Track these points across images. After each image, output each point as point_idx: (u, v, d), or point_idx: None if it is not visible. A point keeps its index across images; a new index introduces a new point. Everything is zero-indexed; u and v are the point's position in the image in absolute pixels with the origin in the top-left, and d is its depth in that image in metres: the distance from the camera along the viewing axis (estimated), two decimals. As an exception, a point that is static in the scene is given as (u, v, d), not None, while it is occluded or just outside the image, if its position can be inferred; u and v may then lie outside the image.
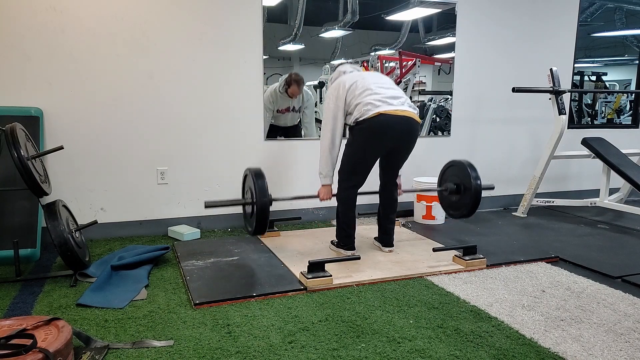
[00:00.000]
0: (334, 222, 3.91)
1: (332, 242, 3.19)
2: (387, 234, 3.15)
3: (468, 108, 4.38)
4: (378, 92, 2.79)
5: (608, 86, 7.93)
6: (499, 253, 3.13)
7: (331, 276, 2.58)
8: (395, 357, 1.88)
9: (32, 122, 3.10)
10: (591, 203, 4.23)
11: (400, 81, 4.22)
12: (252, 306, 2.34)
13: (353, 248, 3.05)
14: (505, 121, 4.51)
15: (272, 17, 3.69)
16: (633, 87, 5.69)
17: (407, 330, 2.11)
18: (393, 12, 4.07)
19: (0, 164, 2.94)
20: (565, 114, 4.08)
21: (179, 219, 3.63)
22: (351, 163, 2.93)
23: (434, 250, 3.01)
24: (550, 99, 4.14)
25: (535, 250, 3.24)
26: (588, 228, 3.91)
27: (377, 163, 3.04)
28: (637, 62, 5.34)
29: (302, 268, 2.66)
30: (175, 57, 3.44)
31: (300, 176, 3.91)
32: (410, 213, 4.09)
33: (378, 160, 3.02)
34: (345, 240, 3.04)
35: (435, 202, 3.88)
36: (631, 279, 2.72)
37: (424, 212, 3.94)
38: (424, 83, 4.37)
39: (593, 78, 6.47)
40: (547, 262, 3.03)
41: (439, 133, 4.38)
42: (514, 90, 3.96)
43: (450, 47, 4.26)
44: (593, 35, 5.78)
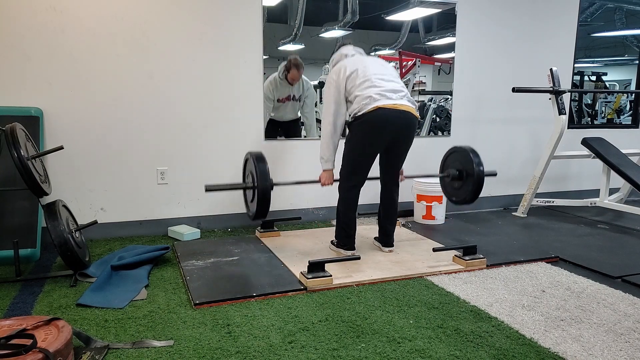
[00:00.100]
0: (334, 222, 3.90)
1: (332, 242, 3.18)
2: (387, 234, 3.15)
3: (468, 108, 4.38)
4: (378, 85, 2.78)
5: (608, 86, 7.93)
6: (499, 253, 3.13)
7: (331, 276, 2.58)
8: (395, 357, 1.88)
9: (32, 122, 3.10)
10: (591, 203, 4.23)
11: (400, 81, 4.22)
12: (252, 306, 2.33)
13: (353, 248, 3.05)
14: (505, 121, 4.51)
15: (272, 17, 3.70)
16: (633, 87, 5.70)
17: (407, 330, 2.11)
18: (393, 12, 4.07)
19: (0, 164, 2.94)
20: (565, 114, 4.08)
21: (179, 219, 3.63)
22: (351, 161, 2.92)
23: (434, 250, 3.01)
24: (550, 99, 4.14)
25: (535, 250, 3.24)
26: (588, 228, 3.91)
27: (377, 163, 3.04)
28: (637, 62, 5.33)
29: (302, 268, 2.66)
30: (175, 57, 3.45)
31: (300, 177, 3.90)
32: (410, 213, 4.09)
33: (378, 160, 3.02)
34: (345, 240, 3.04)
35: (435, 202, 3.89)
36: (631, 279, 2.72)
37: (424, 212, 3.94)
38: (424, 83, 4.37)
39: (593, 78, 6.48)
40: (547, 262, 3.03)
41: (439, 133, 4.38)
42: (514, 90, 3.96)
43: (450, 47, 4.26)
44: (593, 35, 5.78)
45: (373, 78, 2.80)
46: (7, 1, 3.05)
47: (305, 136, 4.02)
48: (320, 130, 3.04)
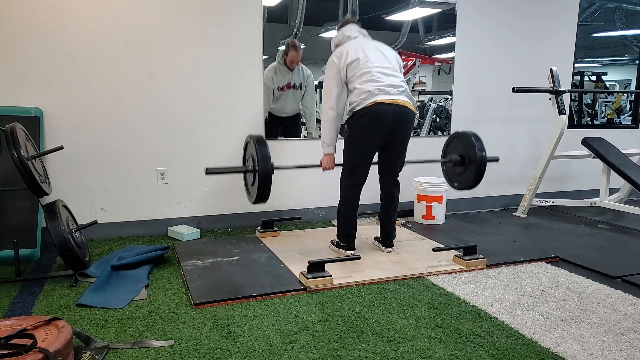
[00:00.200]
0: (334, 222, 3.91)
1: (332, 242, 3.18)
2: (388, 235, 3.15)
3: (468, 108, 4.38)
4: (377, 80, 2.78)
5: (608, 86, 7.93)
6: (499, 253, 3.13)
7: (331, 276, 2.58)
8: (395, 357, 1.88)
9: (32, 122, 3.10)
10: (591, 203, 4.23)
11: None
12: (252, 306, 2.33)
13: (353, 248, 3.05)
14: (505, 121, 4.51)
15: (272, 17, 3.70)
16: (633, 87, 5.70)
17: (407, 330, 2.11)
18: (393, 12, 4.07)
19: (0, 164, 2.94)
20: (565, 114, 4.08)
21: (179, 219, 3.63)
22: (351, 158, 2.93)
23: (434, 250, 3.01)
24: (550, 99, 4.14)
25: (535, 250, 3.24)
26: (588, 228, 3.91)
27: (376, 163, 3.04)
28: (637, 62, 5.34)
29: (302, 268, 2.66)
30: (175, 57, 3.45)
31: (301, 176, 3.91)
32: (410, 213, 4.09)
33: (376, 161, 3.03)
34: (345, 239, 3.04)
35: (435, 202, 3.89)
36: (631, 279, 2.72)
37: (424, 212, 3.94)
38: (424, 83, 4.37)
39: (593, 78, 6.48)
40: (547, 262, 3.03)
41: (439, 133, 4.38)
42: (514, 90, 3.96)
43: (450, 47, 4.26)
44: (593, 35, 5.78)
45: (374, 71, 2.80)
46: (7, 1, 3.05)
47: (305, 130, 4.00)
48: (320, 130, 3.04)
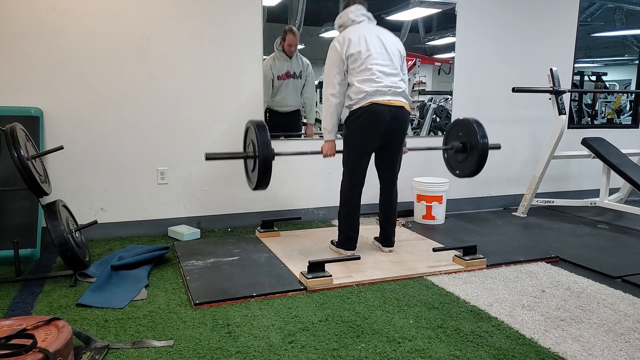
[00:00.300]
0: (334, 222, 3.91)
1: (332, 242, 3.18)
2: (387, 235, 3.14)
3: (468, 108, 4.38)
4: (376, 81, 2.78)
5: (608, 86, 7.94)
6: (499, 253, 3.13)
7: (331, 276, 2.58)
8: (395, 357, 1.88)
9: (32, 122, 3.10)
10: (591, 203, 4.23)
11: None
12: (252, 306, 2.33)
13: (353, 248, 3.04)
14: (505, 121, 4.51)
15: (272, 17, 3.70)
16: (633, 87, 5.70)
17: (407, 330, 2.11)
18: (393, 12, 4.07)
19: (0, 164, 2.94)
20: (565, 114, 4.08)
21: (179, 219, 3.63)
22: (351, 158, 2.94)
23: (434, 250, 3.01)
24: (550, 99, 4.14)
25: (535, 250, 3.24)
26: (588, 228, 3.91)
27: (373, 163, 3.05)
28: (637, 62, 5.34)
29: (302, 268, 2.66)
30: (175, 57, 3.44)
31: (301, 177, 3.91)
32: (410, 213, 4.09)
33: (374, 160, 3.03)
34: (346, 243, 3.03)
35: (435, 202, 3.89)
36: (631, 279, 2.72)
37: (424, 212, 3.94)
38: (424, 83, 4.38)
39: (593, 78, 6.48)
40: (547, 262, 3.03)
41: (439, 133, 4.38)
42: (514, 90, 3.96)
43: (450, 47, 4.26)
44: (593, 35, 5.79)
45: (374, 69, 2.79)
46: (7, 1, 3.05)
47: (304, 122, 4.00)
48: (320, 130, 3.03)
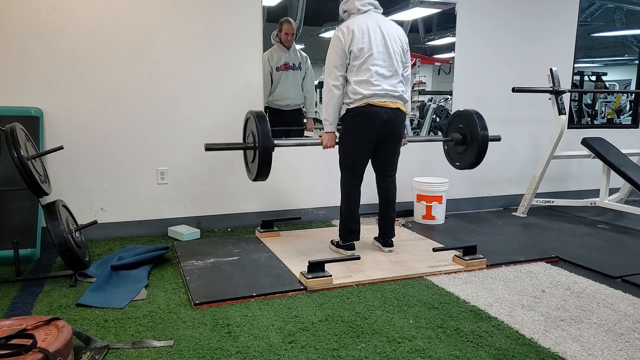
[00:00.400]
0: (334, 222, 3.91)
1: (332, 242, 3.18)
2: (387, 235, 3.14)
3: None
4: (374, 84, 2.80)
5: (608, 86, 7.94)
6: (499, 253, 3.13)
7: (331, 276, 2.58)
8: (395, 357, 1.88)
9: (32, 122, 3.10)
10: (591, 203, 4.23)
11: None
12: (252, 306, 2.34)
13: (353, 248, 3.05)
14: (505, 121, 4.51)
15: (272, 17, 3.70)
16: (633, 87, 5.70)
17: (407, 330, 2.11)
18: (393, 12, 4.07)
19: (0, 164, 2.94)
20: (565, 114, 4.08)
21: (179, 219, 3.63)
22: (348, 155, 2.96)
23: (434, 250, 3.01)
24: (550, 99, 4.14)
25: (535, 250, 3.24)
26: (588, 228, 3.91)
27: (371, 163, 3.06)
28: (637, 62, 5.34)
29: (302, 268, 2.66)
30: (175, 57, 3.44)
31: (301, 177, 3.91)
32: (410, 213, 4.09)
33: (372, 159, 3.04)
34: (349, 236, 3.03)
35: (435, 202, 3.89)
36: (631, 279, 2.72)
37: (424, 212, 3.94)
38: (424, 83, 4.38)
39: (593, 78, 6.48)
40: (547, 262, 3.03)
41: (439, 133, 4.38)
42: (514, 90, 3.96)
43: (450, 47, 4.26)
44: (593, 35, 5.79)
45: (373, 70, 2.80)
46: (7, 1, 3.05)
47: (304, 119, 4.00)
48: (320, 131, 3.03)
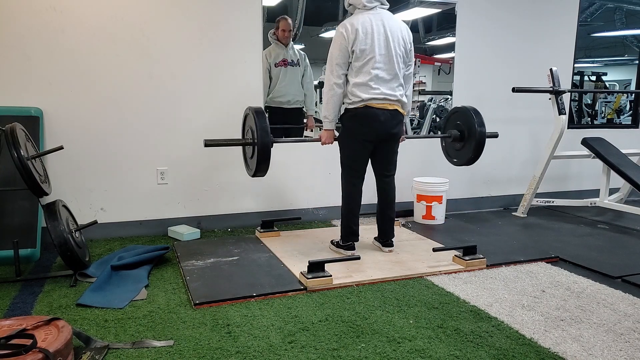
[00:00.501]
0: (334, 222, 3.91)
1: (332, 242, 3.18)
2: (386, 235, 3.14)
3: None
4: (373, 87, 2.80)
5: (608, 86, 7.93)
6: (499, 253, 3.13)
7: (331, 276, 2.58)
8: (395, 357, 1.88)
9: (32, 122, 3.10)
10: (591, 203, 4.23)
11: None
12: (252, 306, 2.34)
13: (353, 248, 3.05)
14: (505, 121, 4.51)
15: (272, 17, 3.70)
16: (633, 87, 5.69)
17: (407, 330, 2.11)
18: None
19: (0, 164, 2.94)
20: (565, 114, 4.08)
21: (179, 219, 3.63)
22: (348, 155, 2.98)
23: (434, 250, 3.01)
24: (550, 99, 4.14)
25: (535, 250, 3.24)
26: (588, 228, 3.91)
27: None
28: (637, 62, 5.33)
29: (302, 268, 2.66)
30: (175, 57, 3.44)
31: (301, 177, 3.91)
32: (410, 213, 4.09)
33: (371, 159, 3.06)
34: (349, 236, 3.03)
35: (435, 202, 3.89)
36: (631, 279, 2.72)
37: (424, 212, 3.94)
38: (424, 83, 4.38)
39: (593, 78, 6.48)
40: (547, 262, 3.03)
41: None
42: (514, 90, 3.96)
43: (450, 47, 4.26)
44: (593, 35, 5.78)
45: (373, 74, 2.80)
46: (7, 1, 3.05)
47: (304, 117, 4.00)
48: (320, 130, 3.03)
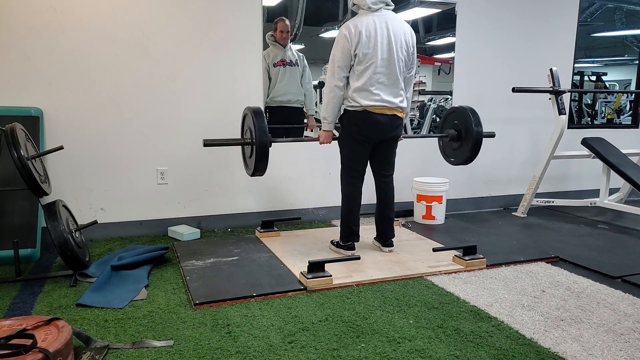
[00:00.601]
0: (334, 222, 3.91)
1: (332, 242, 3.18)
2: (386, 235, 3.14)
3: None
4: (374, 92, 2.81)
5: (608, 86, 7.93)
6: (499, 253, 3.13)
7: (331, 276, 2.58)
8: (395, 357, 1.88)
9: (32, 122, 3.10)
10: (591, 203, 4.23)
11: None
12: (252, 306, 2.34)
13: (353, 248, 3.05)
14: (505, 121, 4.51)
15: (272, 17, 3.70)
16: (633, 87, 5.69)
17: (407, 330, 2.11)
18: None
19: (0, 164, 2.94)
20: (565, 114, 4.08)
21: (179, 219, 3.63)
22: (348, 155, 2.98)
23: (434, 250, 3.01)
24: (550, 99, 4.14)
25: (535, 250, 3.24)
26: (588, 228, 3.91)
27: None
28: (637, 62, 5.33)
29: (302, 268, 2.66)
30: (175, 57, 3.44)
31: (301, 177, 3.91)
32: (410, 213, 4.09)
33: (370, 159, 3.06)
34: (349, 237, 3.03)
35: (435, 202, 3.89)
36: (631, 279, 2.73)
37: (424, 212, 3.94)
38: (424, 83, 4.37)
39: (593, 78, 6.48)
40: (547, 262, 3.03)
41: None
42: (514, 90, 3.96)
43: (450, 47, 4.26)
44: (593, 35, 5.78)
45: (375, 79, 2.80)
46: (7, 1, 3.05)
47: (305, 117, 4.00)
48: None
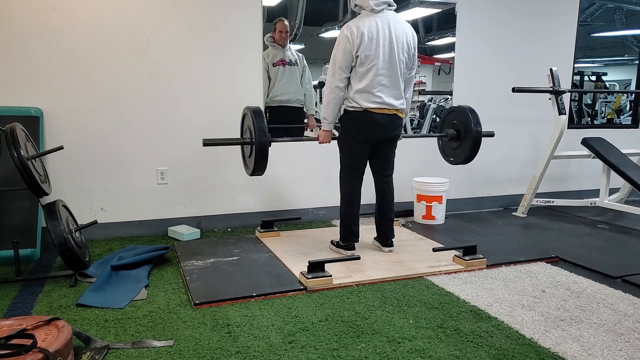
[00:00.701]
0: (334, 222, 3.91)
1: (332, 242, 3.18)
2: (386, 235, 3.14)
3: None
4: (376, 94, 2.81)
5: (608, 86, 7.93)
6: (499, 253, 3.13)
7: (331, 276, 2.58)
8: (395, 357, 1.88)
9: (32, 122, 3.10)
10: (591, 203, 4.23)
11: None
12: (252, 306, 2.34)
13: (353, 248, 3.05)
14: (505, 121, 4.51)
15: (272, 17, 3.70)
16: (633, 87, 5.69)
17: (407, 330, 2.11)
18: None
19: (0, 164, 2.94)
20: (565, 114, 4.08)
21: (179, 219, 3.63)
22: (347, 154, 2.99)
23: (434, 250, 3.01)
24: (550, 99, 4.14)
25: (535, 250, 3.24)
26: (588, 228, 3.90)
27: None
28: (637, 62, 5.33)
29: (302, 268, 2.66)
30: (175, 57, 3.44)
31: (301, 177, 3.91)
32: (410, 213, 4.09)
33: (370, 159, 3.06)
34: (349, 237, 3.03)
35: (435, 202, 3.89)
36: (631, 279, 2.72)
37: (424, 212, 3.94)
38: (424, 83, 4.38)
39: (593, 78, 6.48)
40: (547, 262, 3.03)
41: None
42: (514, 90, 3.96)
43: (450, 47, 4.26)
44: (593, 35, 5.78)
45: (375, 82, 2.80)
46: (7, 1, 3.05)
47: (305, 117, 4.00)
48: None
